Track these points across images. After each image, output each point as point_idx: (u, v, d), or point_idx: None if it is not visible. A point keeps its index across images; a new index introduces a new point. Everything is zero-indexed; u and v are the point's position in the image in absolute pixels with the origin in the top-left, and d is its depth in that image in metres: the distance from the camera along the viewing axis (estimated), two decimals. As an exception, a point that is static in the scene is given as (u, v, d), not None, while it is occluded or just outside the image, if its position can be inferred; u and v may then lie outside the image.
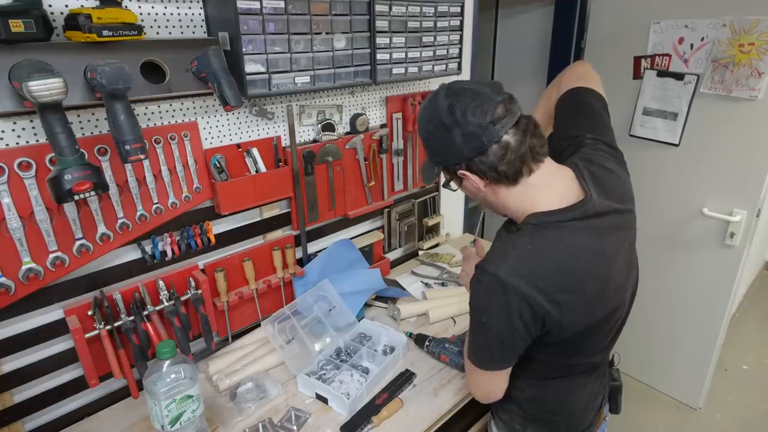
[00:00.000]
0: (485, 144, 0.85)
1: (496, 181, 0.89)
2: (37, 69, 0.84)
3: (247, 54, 1.17)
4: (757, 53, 1.83)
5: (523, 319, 0.87)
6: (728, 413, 2.45)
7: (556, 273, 0.87)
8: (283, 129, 1.46)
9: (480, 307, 0.93)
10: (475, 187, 0.93)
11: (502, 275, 0.86)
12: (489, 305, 0.90)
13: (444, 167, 0.95)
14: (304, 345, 1.38)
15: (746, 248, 2.06)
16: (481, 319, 0.93)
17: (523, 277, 0.85)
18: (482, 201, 0.99)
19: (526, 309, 0.86)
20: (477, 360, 0.98)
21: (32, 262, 1.05)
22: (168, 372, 1.03)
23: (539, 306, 0.86)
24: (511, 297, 0.85)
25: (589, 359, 1.04)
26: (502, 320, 0.88)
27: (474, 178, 0.90)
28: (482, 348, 0.96)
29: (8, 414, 1.12)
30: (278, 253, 1.49)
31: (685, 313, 2.33)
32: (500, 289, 0.86)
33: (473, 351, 0.99)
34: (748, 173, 1.98)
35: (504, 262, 0.88)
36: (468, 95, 0.85)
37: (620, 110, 2.27)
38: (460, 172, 0.91)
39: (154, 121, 1.20)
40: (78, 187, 0.92)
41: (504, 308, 0.87)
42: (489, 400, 1.05)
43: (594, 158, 0.97)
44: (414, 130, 1.79)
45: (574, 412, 1.10)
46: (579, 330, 0.92)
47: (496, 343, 0.92)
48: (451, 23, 1.66)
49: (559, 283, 0.87)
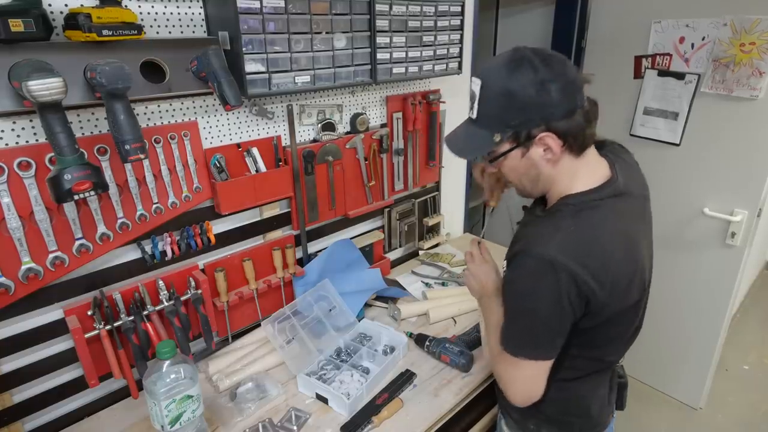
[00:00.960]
0: (578, 105, 0.85)
1: (570, 148, 0.89)
2: (37, 68, 0.84)
3: (247, 53, 1.17)
4: (758, 53, 1.82)
5: (571, 299, 0.87)
6: (729, 413, 2.45)
7: (599, 253, 0.88)
8: (283, 128, 1.46)
9: (525, 292, 0.91)
10: (540, 156, 0.89)
11: (550, 255, 0.86)
12: (537, 289, 0.89)
13: (515, 132, 0.88)
14: (305, 345, 1.38)
15: (747, 248, 2.06)
16: (525, 305, 0.91)
17: (571, 256, 0.85)
18: (531, 176, 0.94)
19: (573, 289, 0.86)
20: (518, 348, 0.94)
21: (32, 262, 1.05)
22: (168, 372, 1.03)
23: (586, 285, 0.86)
24: (560, 276, 0.85)
25: (610, 355, 1.04)
26: (551, 303, 0.87)
27: (554, 143, 0.87)
28: (526, 334, 0.93)
29: (8, 414, 1.12)
30: (278, 252, 1.49)
31: (686, 313, 2.32)
32: (549, 270, 0.85)
33: (514, 339, 0.95)
34: (749, 173, 1.97)
35: (551, 243, 0.87)
36: (556, 55, 0.86)
37: (621, 110, 2.27)
38: (542, 135, 0.86)
39: (154, 120, 1.20)
40: (78, 186, 0.91)
41: (554, 289, 0.86)
42: (527, 401, 0.99)
43: (617, 151, 1.04)
44: (414, 130, 1.79)
45: (591, 414, 1.09)
46: (613, 313, 0.92)
47: (543, 328, 0.90)
48: (452, 22, 1.66)
49: (602, 263, 0.88)
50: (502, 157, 0.92)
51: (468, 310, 1.65)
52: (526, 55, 0.85)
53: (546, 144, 0.87)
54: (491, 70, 0.88)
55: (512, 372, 0.98)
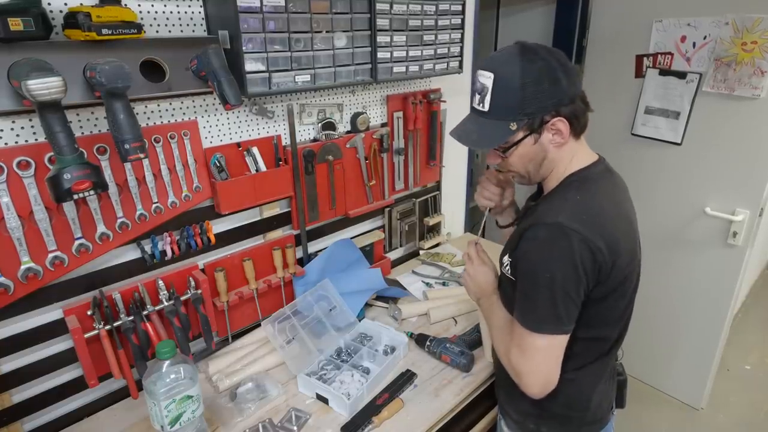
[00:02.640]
0: (579, 90, 0.94)
1: (574, 132, 0.95)
2: (36, 68, 0.84)
3: (247, 52, 1.17)
4: (759, 52, 1.82)
5: (585, 266, 0.89)
6: (731, 413, 2.44)
7: (606, 220, 0.93)
8: (283, 128, 1.46)
9: (540, 260, 0.92)
10: (549, 140, 0.95)
11: (562, 221, 0.89)
12: (551, 255, 0.90)
13: (530, 119, 0.92)
14: (305, 345, 1.38)
15: (749, 248, 2.05)
16: (542, 274, 0.91)
17: (581, 222, 0.89)
18: (537, 161, 0.98)
19: (587, 254, 0.89)
20: (539, 322, 0.93)
21: (31, 262, 1.05)
22: (168, 372, 1.02)
23: (598, 251, 0.89)
24: (573, 241, 0.88)
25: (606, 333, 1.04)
26: (566, 268, 0.89)
27: (564, 127, 0.93)
28: (546, 306, 0.92)
29: (7, 414, 1.12)
30: (278, 252, 1.49)
31: (688, 312, 2.32)
32: (562, 236, 0.89)
33: (533, 314, 0.94)
34: (750, 172, 1.97)
35: (561, 212, 0.92)
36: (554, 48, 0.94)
37: (622, 109, 2.26)
38: (554, 120, 0.92)
39: (154, 119, 1.19)
40: (77, 186, 0.91)
41: (568, 254, 0.88)
42: (546, 387, 0.97)
43: None
44: (415, 129, 1.79)
45: (590, 407, 1.09)
46: (617, 283, 0.95)
47: (561, 296, 0.90)
48: (452, 21, 1.65)
49: (609, 230, 0.92)
50: (515, 145, 0.96)
51: (469, 310, 1.65)
52: (532, 47, 0.92)
53: (557, 128, 0.93)
54: (501, 62, 0.92)
55: (530, 355, 0.95)
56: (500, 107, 0.93)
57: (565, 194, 0.97)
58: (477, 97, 0.96)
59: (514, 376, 1.01)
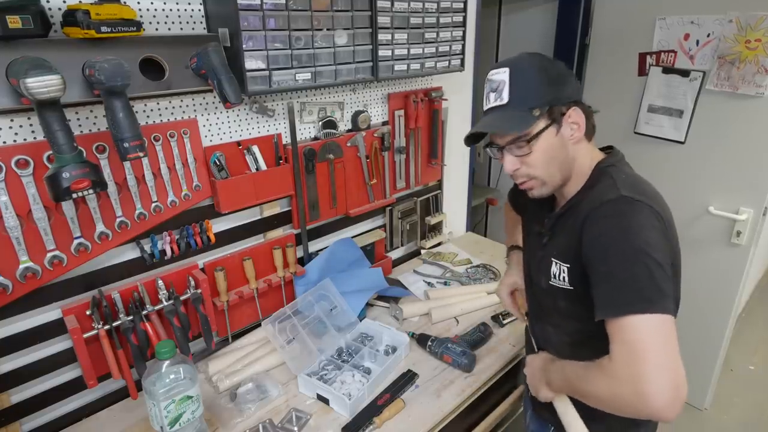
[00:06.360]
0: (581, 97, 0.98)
1: (587, 132, 0.97)
2: (35, 66, 0.83)
3: (247, 50, 1.16)
4: (763, 50, 1.80)
5: (666, 234, 0.87)
6: (735, 414, 2.43)
7: (659, 196, 0.93)
8: (283, 126, 1.45)
9: (621, 235, 0.82)
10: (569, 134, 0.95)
11: (626, 194, 0.86)
12: (632, 221, 0.83)
13: (550, 108, 0.92)
14: (305, 345, 1.37)
15: (753, 247, 2.04)
16: (630, 245, 0.80)
17: (644, 194, 0.88)
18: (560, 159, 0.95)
19: (660, 225, 0.86)
20: (648, 301, 0.78)
21: (30, 261, 1.04)
22: (167, 372, 1.02)
23: (669, 225, 0.89)
24: (645, 210, 0.85)
25: None
26: (655, 231, 0.83)
27: (580, 118, 0.94)
28: (648, 281, 0.79)
29: (6, 415, 1.11)
30: (279, 252, 1.48)
31: (691, 312, 2.29)
32: (635, 206, 0.85)
33: (638, 293, 0.79)
34: (754, 171, 1.95)
35: (617, 188, 0.89)
36: None
37: (625, 107, 2.25)
38: (572, 111, 0.93)
39: (153, 118, 1.19)
40: (76, 185, 0.91)
41: (649, 218, 0.85)
42: (677, 393, 0.80)
43: None
44: (416, 128, 1.78)
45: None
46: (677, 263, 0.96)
47: (656, 268, 0.79)
48: (454, 19, 1.64)
49: (664, 204, 0.93)
50: (538, 136, 0.93)
51: (470, 309, 1.64)
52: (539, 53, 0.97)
53: (575, 120, 0.94)
54: (513, 59, 0.97)
55: (645, 347, 0.78)
56: (521, 96, 0.93)
57: (606, 178, 0.93)
58: (493, 95, 0.95)
59: (633, 395, 0.79)
